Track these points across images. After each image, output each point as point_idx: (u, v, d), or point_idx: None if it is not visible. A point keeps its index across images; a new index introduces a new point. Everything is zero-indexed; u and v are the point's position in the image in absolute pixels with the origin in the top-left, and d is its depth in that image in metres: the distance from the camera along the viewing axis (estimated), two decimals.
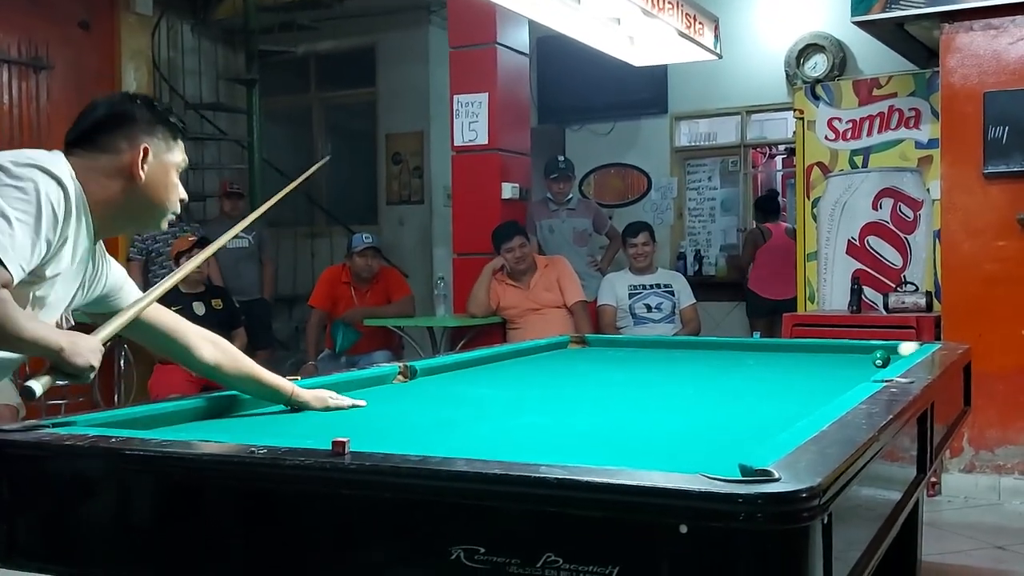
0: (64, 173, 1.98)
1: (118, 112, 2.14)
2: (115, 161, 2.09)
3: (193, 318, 5.89)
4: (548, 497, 1.39)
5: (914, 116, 6.02)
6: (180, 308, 5.67)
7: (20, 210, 1.86)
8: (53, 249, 1.94)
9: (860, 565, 1.70)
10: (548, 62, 8.46)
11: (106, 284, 2.26)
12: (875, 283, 5.88)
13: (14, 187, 1.89)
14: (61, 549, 1.79)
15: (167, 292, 2.35)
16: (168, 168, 2.15)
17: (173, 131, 2.17)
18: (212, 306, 5.89)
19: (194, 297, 5.84)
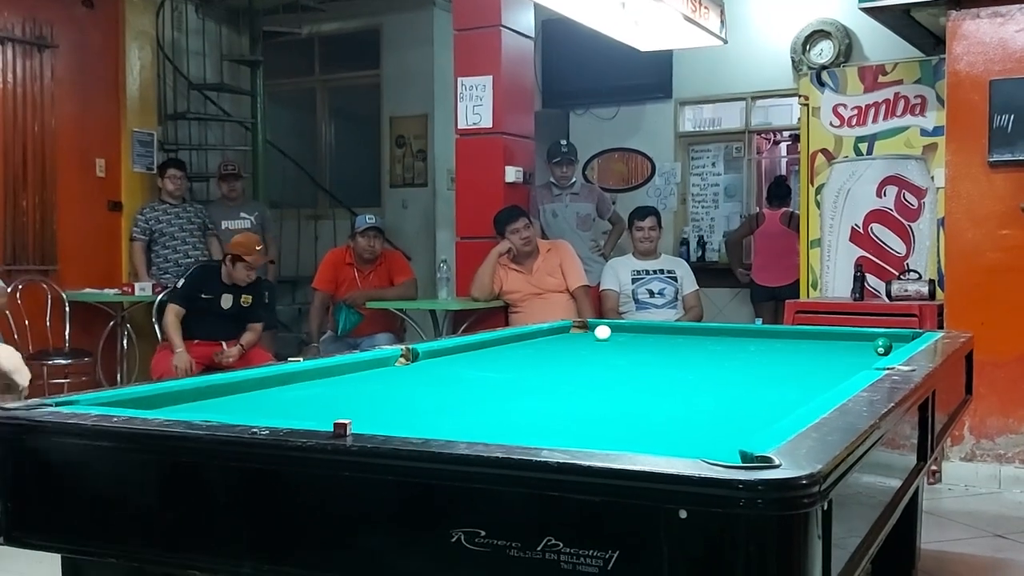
0: None
1: None
2: None
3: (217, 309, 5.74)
4: (549, 481, 1.40)
5: (919, 103, 6.00)
6: (211, 297, 5.64)
7: None
8: None
9: (859, 552, 1.71)
10: (553, 46, 8.44)
11: None
12: (878, 270, 5.87)
13: None
14: (63, 527, 1.80)
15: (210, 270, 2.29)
16: None
17: None
18: (240, 302, 5.82)
19: (227, 289, 5.80)
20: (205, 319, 5.70)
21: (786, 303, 5.70)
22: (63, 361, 6.64)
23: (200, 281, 5.80)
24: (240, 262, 5.68)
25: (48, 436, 1.80)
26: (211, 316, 5.70)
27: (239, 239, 5.90)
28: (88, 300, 6.91)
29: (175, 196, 7.10)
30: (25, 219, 6.79)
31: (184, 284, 5.82)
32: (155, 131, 7.71)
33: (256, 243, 5.83)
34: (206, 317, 5.70)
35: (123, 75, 7.43)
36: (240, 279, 5.73)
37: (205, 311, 5.68)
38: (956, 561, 3.93)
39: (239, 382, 2.41)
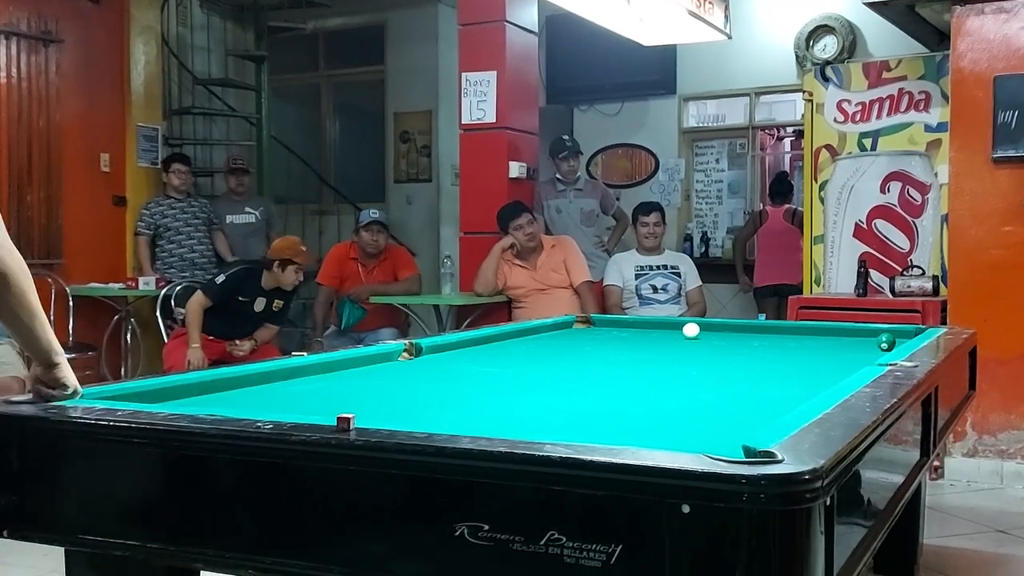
0: None
1: None
2: None
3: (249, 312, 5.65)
4: (552, 475, 1.40)
5: (924, 99, 5.99)
6: (247, 300, 5.54)
7: None
8: None
9: (862, 547, 1.71)
10: (557, 41, 8.43)
11: None
12: (881, 266, 5.87)
13: None
14: (68, 521, 1.80)
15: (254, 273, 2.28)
16: None
17: None
18: (272, 307, 5.66)
19: (262, 292, 5.61)
20: (231, 319, 5.59)
21: (789, 299, 5.70)
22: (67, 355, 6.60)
23: (242, 282, 5.63)
24: (291, 265, 5.49)
25: (53, 430, 1.80)
26: (239, 318, 5.60)
27: (281, 244, 5.68)
28: (93, 294, 6.92)
29: (180, 191, 7.11)
30: (30, 214, 6.79)
31: (225, 281, 5.60)
32: (160, 126, 7.72)
33: (300, 244, 5.68)
34: (234, 318, 5.59)
35: (128, 70, 7.43)
36: (289, 282, 5.55)
37: (236, 312, 5.57)
38: (958, 557, 3.93)
39: (243, 376, 2.42)
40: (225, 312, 5.54)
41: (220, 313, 5.54)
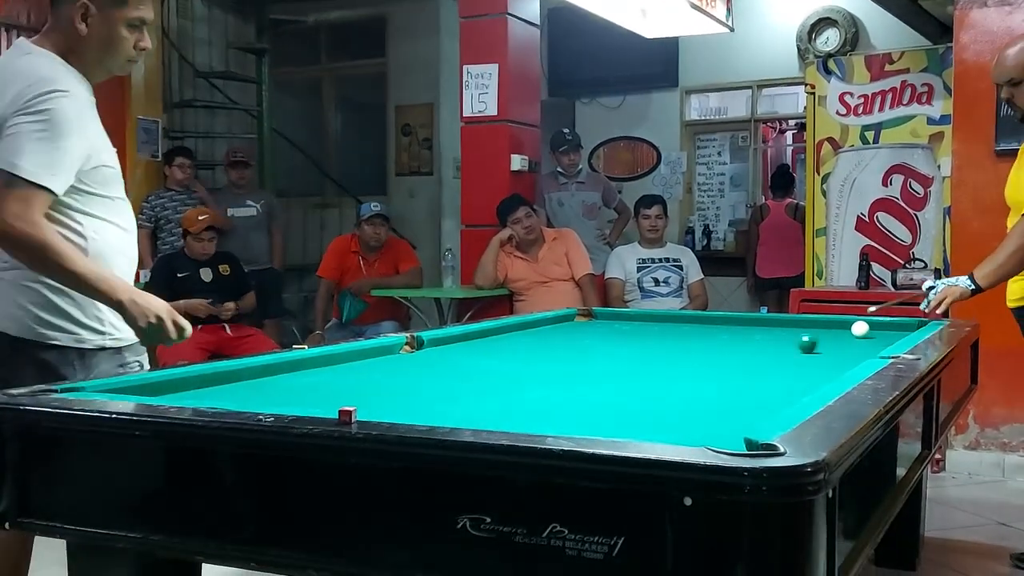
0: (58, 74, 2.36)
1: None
2: (63, 18, 2.42)
3: (200, 284, 5.95)
4: (554, 468, 1.40)
5: (926, 92, 5.99)
6: (187, 275, 5.74)
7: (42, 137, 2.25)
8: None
9: (864, 539, 1.71)
10: (559, 34, 8.42)
11: None
12: (884, 259, 5.87)
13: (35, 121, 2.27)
14: (69, 513, 1.80)
15: (175, 255, 2.58)
16: (114, 21, 2.43)
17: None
18: (220, 272, 5.91)
19: (201, 264, 5.86)
20: (195, 297, 5.75)
21: (791, 292, 5.71)
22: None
23: (169, 262, 6.01)
24: (187, 236, 5.88)
25: (54, 422, 1.80)
26: (199, 294, 5.76)
27: (185, 214, 6.16)
28: None
29: (182, 184, 7.10)
30: None
31: (152, 277, 5.94)
32: (160, 119, 7.71)
33: (198, 214, 6.00)
34: (195, 295, 5.74)
35: None
36: (197, 252, 5.87)
37: (191, 290, 5.73)
38: (959, 549, 3.94)
39: (244, 369, 2.41)
40: (186, 295, 5.70)
41: (184, 298, 5.68)
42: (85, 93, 2.43)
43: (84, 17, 2.40)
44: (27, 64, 2.38)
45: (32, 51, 2.42)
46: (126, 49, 2.48)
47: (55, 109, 2.28)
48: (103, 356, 2.44)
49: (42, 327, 2.37)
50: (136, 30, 2.47)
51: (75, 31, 2.41)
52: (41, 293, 2.35)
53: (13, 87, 2.30)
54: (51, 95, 2.29)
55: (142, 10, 2.47)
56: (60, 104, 2.29)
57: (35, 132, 2.25)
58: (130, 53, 2.49)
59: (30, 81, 2.30)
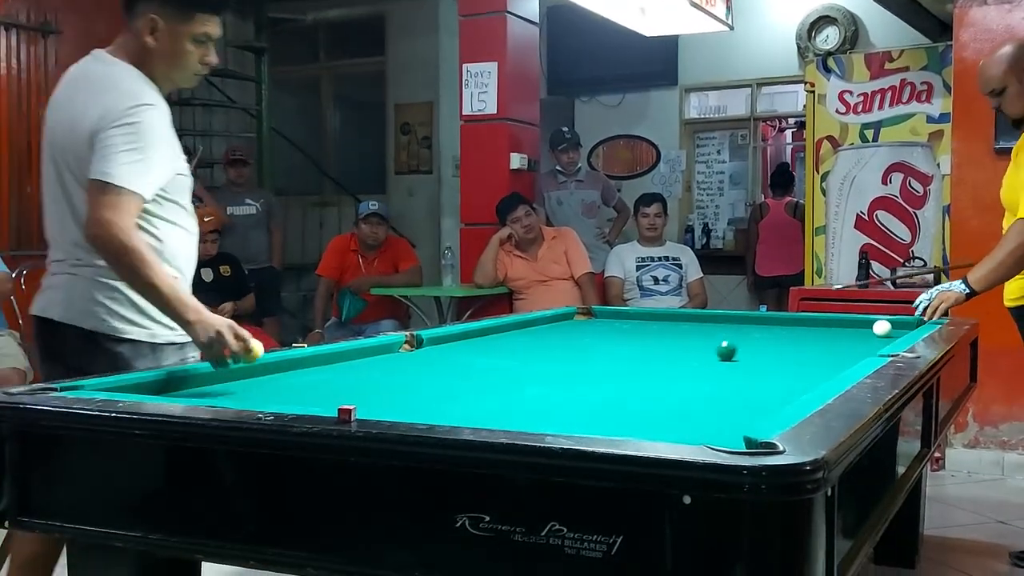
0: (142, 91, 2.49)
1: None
2: (135, 30, 2.54)
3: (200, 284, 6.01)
4: (553, 467, 1.40)
5: (926, 90, 5.99)
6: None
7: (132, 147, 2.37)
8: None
9: (863, 537, 1.71)
10: (558, 32, 8.41)
11: None
12: (883, 258, 5.87)
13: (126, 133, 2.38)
14: (68, 512, 1.80)
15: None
16: (180, 36, 2.53)
17: (187, 4, 2.52)
18: (220, 272, 5.90)
19: (202, 264, 5.84)
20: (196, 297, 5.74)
21: (791, 290, 5.70)
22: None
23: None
24: None
25: (53, 421, 1.80)
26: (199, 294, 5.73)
27: None
28: None
29: None
30: (30, 205, 6.78)
31: None
32: None
33: (204, 215, 5.86)
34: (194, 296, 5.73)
35: None
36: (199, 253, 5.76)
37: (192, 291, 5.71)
38: (959, 547, 3.94)
39: (244, 368, 2.41)
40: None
41: None
42: (164, 105, 2.55)
43: (152, 31, 2.51)
44: (113, 77, 2.50)
45: (114, 64, 2.54)
46: (192, 63, 2.59)
47: (143, 121, 2.41)
48: (170, 350, 2.56)
49: (117, 321, 2.48)
50: (202, 45, 2.58)
51: (144, 44, 2.52)
52: (118, 289, 2.46)
53: (103, 100, 2.42)
54: (140, 108, 2.42)
55: (208, 26, 2.57)
56: (148, 116, 2.43)
57: (126, 143, 2.36)
58: (196, 67, 2.61)
59: (119, 94, 2.43)
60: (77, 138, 2.44)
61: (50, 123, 2.60)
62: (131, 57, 2.54)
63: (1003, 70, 3.52)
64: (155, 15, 2.51)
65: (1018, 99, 3.53)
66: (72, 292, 2.51)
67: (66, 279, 2.53)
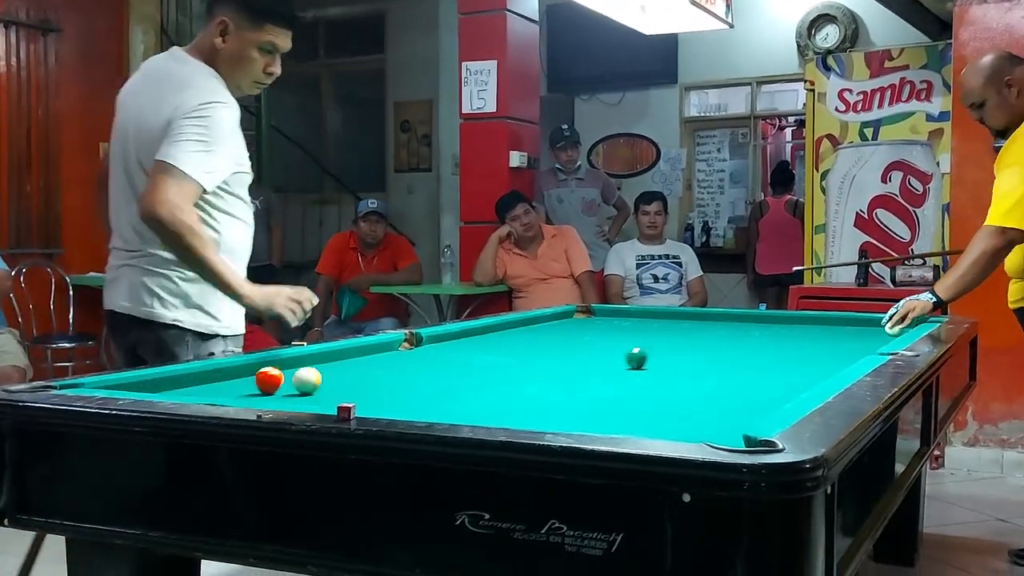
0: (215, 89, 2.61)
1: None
2: (208, 31, 2.66)
3: None
4: (553, 465, 1.40)
5: (925, 88, 5.98)
6: None
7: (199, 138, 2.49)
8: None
9: (862, 535, 1.71)
10: (558, 30, 8.41)
11: None
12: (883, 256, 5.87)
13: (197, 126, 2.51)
14: (67, 510, 1.80)
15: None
16: (247, 42, 2.64)
17: (259, 13, 2.63)
18: None
19: None
20: None
21: (790, 288, 5.70)
22: (67, 344, 6.66)
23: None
24: None
25: (52, 419, 1.80)
26: None
27: None
28: (92, 284, 6.89)
29: None
30: (29, 203, 6.79)
31: None
32: None
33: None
34: None
35: (127, 59, 7.41)
36: None
37: None
38: (958, 545, 3.94)
39: (243, 366, 2.41)
40: None
41: None
42: (235, 105, 2.65)
43: (223, 33, 2.63)
44: (190, 74, 2.62)
45: (190, 62, 2.66)
46: (255, 70, 2.68)
47: (214, 117, 2.52)
48: (213, 342, 2.67)
49: (165, 309, 2.62)
50: (268, 55, 2.68)
51: (213, 44, 2.64)
52: (169, 279, 2.61)
53: (180, 94, 2.54)
54: (212, 105, 2.54)
55: (276, 37, 2.67)
56: (219, 113, 2.54)
57: (195, 134, 2.48)
58: (259, 75, 2.70)
59: (195, 90, 2.55)
60: (148, 130, 2.56)
61: (120, 114, 2.72)
62: (204, 56, 2.65)
63: (981, 83, 3.48)
64: (227, 18, 2.62)
65: (998, 111, 3.48)
66: (127, 281, 2.66)
67: (123, 270, 2.68)
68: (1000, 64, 3.48)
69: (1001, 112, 3.48)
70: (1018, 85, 3.44)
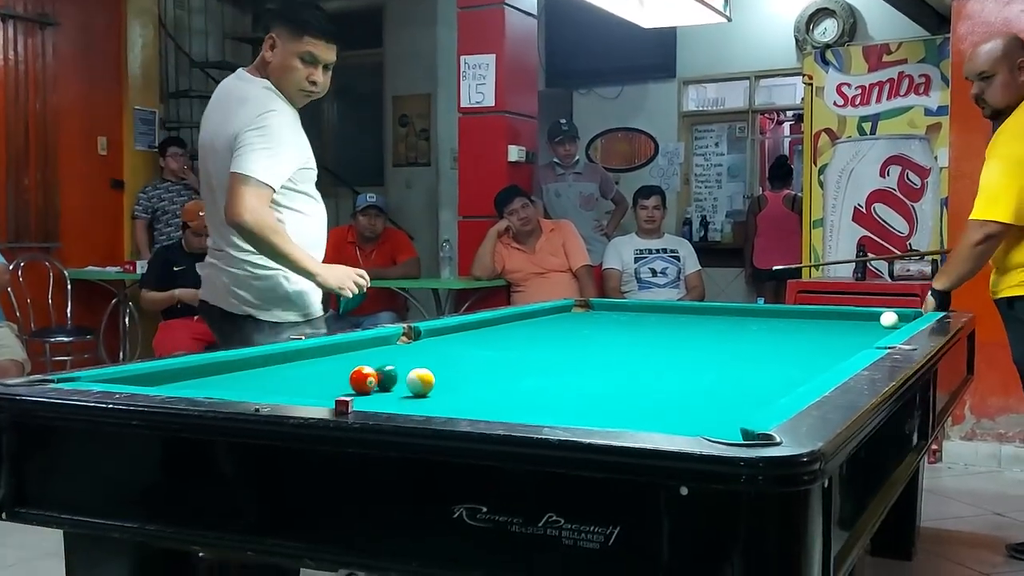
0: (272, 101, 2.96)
1: (268, 8, 2.88)
2: (264, 44, 3.00)
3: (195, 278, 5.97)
4: (550, 458, 1.40)
5: (924, 83, 5.98)
6: (184, 268, 5.73)
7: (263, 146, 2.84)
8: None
9: (860, 529, 1.71)
10: (556, 24, 8.40)
11: None
12: (881, 250, 5.87)
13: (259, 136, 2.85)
14: (65, 503, 1.80)
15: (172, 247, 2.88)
16: (289, 53, 2.96)
17: (298, 26, 2.95)
18: None
19: (197, 258, 5.81)
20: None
21: (788, 283, 5.70)
22: (65, 338, 6.66)
23: (163, 259, 5.94)
24: (187, 229, 5.79)
25: (50, 412, 1.80)
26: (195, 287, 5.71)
27: (186, 206, 6.04)
28: (90, 278, 6.92)
29: (178, 175, 7.09)
30: (27, 197, 6.79)
31: (148, 269, 5.93)
32: (157, 109, 7.70)
33: (200, 208, 5.84)
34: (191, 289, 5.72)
35: (125, 53, 7.41)
36: (195, 246, 5.75)
37: (185, 284, 5.67)
38: (955, 539, 3.95)
39: (241, 359, 2.41)
40: (176, 288, 5.71)
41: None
42: (290, 110, 3.00)
43: (272, 47, 2.97)
44: (248, 90, 2.96)
45: (250, 79, 3.01)
46: (297, 79, 2.98)
47: (271, 124, 2.87)
48: (286, 327, 2.98)
49: (239, 303, 2.98)
50: (309, 65, 2.98)
51: (264, 58, 2.99)
52: (247, 275, 2.96)
53: (242, 110, 2.89)
54: (268, 114, 2.88)
55: (315, 48, 2.97)
56: (275, 120, 2.88)
57: (258, 142, 2.82)
58: (303, 83, 2.99)
59: (252, 104, 2.90)
60: (219, 146, 2.93)
61: (201, 134, 3.11)
62: (260, 72, 3.01)
63: (997, 57, 3.58)
64: (274, 34, 2.97)
65: (1003, 88, 3.58)
66: (213, 278, 3.07)
67: (209, 267, 3.10)
68: (1016, 44, 3.61)
69: (1006, 90, 3.58)
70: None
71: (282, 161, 2.89)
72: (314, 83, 3.01)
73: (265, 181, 2.81)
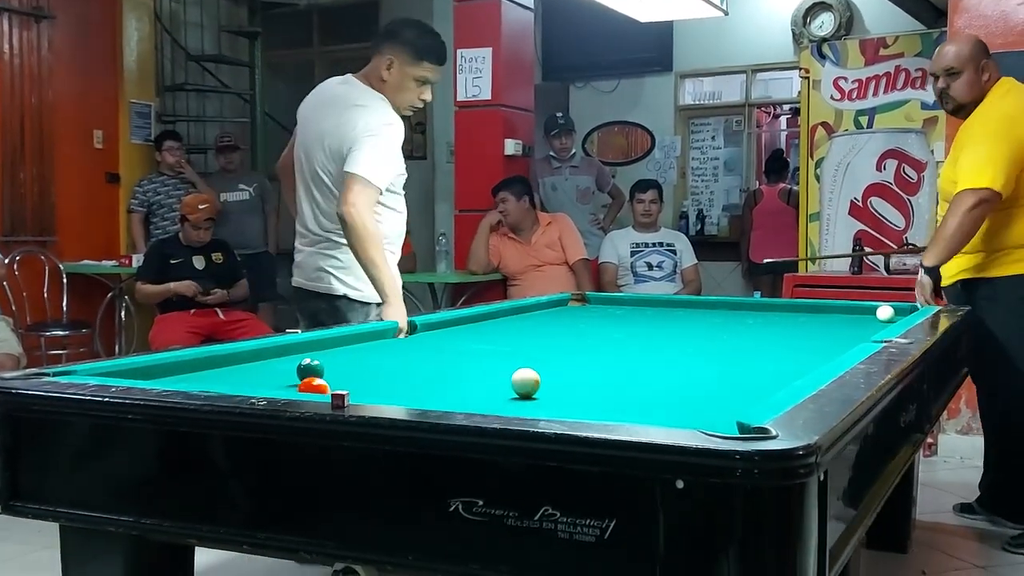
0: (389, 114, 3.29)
1: (388, 29, 3.41)
2: (377, 65, 3.32)
3: (192, 271, 5.98)
4: (546, 451, 1.40)
5: (920, 76, 5.98)
6: (180, 261, 5.73)
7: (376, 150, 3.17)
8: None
9: (855, 522, 1.72)
10: (553, 18, 8.40)
11: None
12: (877, 244, 5.87)
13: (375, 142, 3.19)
14: (61, 497, 1.80)
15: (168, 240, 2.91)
16: (406, 75, 3.29)
17: (419, 53, 3.27)
18: (212, 260, 5.86)
19: (194, 251, 5.81)
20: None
21: (784, 277, 5.70)
22: (61, 332, 6.65)
23: (161, 246, 5.96)
24: (185, 222, 5.79)
25: (45, 406, 1.80)
26: (192, 280, 5.71)
27: (185, 199, 6.06)
28: (86, 272, 6.90)
29: (174, 168, 7.08)
30: (23, 191, 6.77)
31: (145, 261, 5.92)
32: (153, 103, 7.68)
33: (200, 202, 5.90)
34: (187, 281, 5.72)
35: (121, 46, 7.39)
36: (193, 239, 5.80)
37: (182, 277, 5.70)
38: (951, 532, 3.95)
39: (237, 353, 2.41)
40: (179, 280, 5.69)
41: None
42: (402, 124, 3.30)
43: (388, 67, 3.27)
44: (365, 99, 3.25)
45: (362, 88, 3.32)
46: (410, 98, 3.34)
47: (387, 134, 3.20)
48: (372, 308, 3.24)
49: (337, 283, 3.27)
50: (422, 85, 3.32)
51: (380, 75, 3.29)
52: (338, 259, 3.26)
53: (363, 116, 3.18)
54: (388, 125, 3.21)
55: (430, 72, 3.32)
56: (392, 131, 3.22)
57: (374, 147, 3.13)
58: (413, 101, 3.36)
59: (375, 113, 3.20)
60: (330, 144, 3.22)
61: (303, 128, 3.41)
62: (373, 84, 3.30)
63: (965, 56, 3.67)
64: (393, 56, 3.26)
65: (968, 86, 3.67)
66: (310, 263, 3.34)
67: (306, 254, 3.36)
68: (981, 47, 3.73)
69: (971, 88, 3.67)
70: (989, 71, 3.68)
71: (390, 167, 3.23)
72: (424, 101, 3.38)
73: (377, 184, 3.13)
